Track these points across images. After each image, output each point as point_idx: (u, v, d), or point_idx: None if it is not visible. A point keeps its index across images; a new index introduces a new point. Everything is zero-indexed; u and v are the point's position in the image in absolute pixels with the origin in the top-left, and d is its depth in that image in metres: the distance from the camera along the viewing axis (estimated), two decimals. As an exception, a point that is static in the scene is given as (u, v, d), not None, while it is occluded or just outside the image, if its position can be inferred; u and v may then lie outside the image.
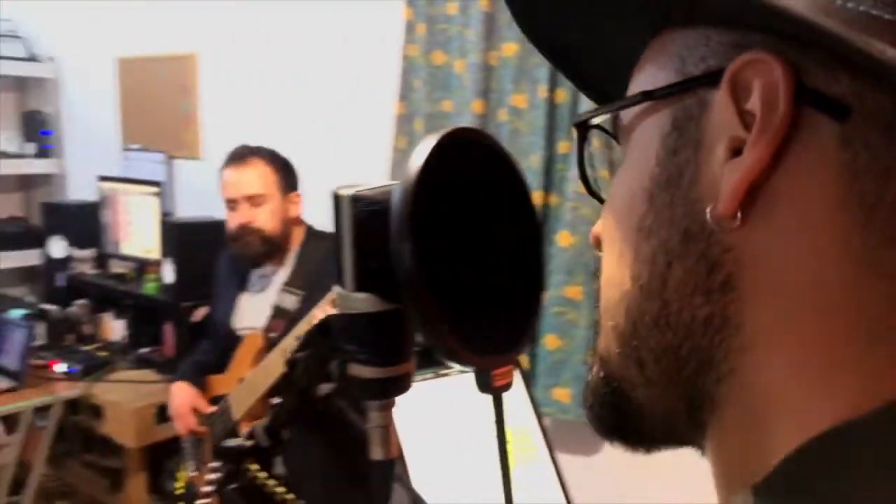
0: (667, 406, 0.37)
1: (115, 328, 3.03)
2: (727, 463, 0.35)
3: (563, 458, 2.17)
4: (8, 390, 2.56)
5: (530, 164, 2.22)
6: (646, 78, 0.38)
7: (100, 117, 3.71)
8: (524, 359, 2.24)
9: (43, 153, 3.87)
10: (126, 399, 2.55)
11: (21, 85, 4.06)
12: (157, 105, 3.37)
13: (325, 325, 0.52)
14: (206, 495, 1.84)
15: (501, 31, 2.27)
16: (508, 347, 0.46)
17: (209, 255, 2.76)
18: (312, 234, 1.90)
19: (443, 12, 2.41)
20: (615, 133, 0.42)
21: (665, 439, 0.39)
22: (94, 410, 2.60)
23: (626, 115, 0.39)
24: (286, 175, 1.93)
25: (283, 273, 1.87)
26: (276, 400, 0.62)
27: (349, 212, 0.46)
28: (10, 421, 2.48)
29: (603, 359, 0.39)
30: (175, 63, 3.26)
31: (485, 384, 0.46)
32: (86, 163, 3.86)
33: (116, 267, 3.15)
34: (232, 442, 0.61)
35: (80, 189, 3.89)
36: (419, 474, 0.78)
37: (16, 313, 2.74)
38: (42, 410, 2.61)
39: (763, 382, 0.32)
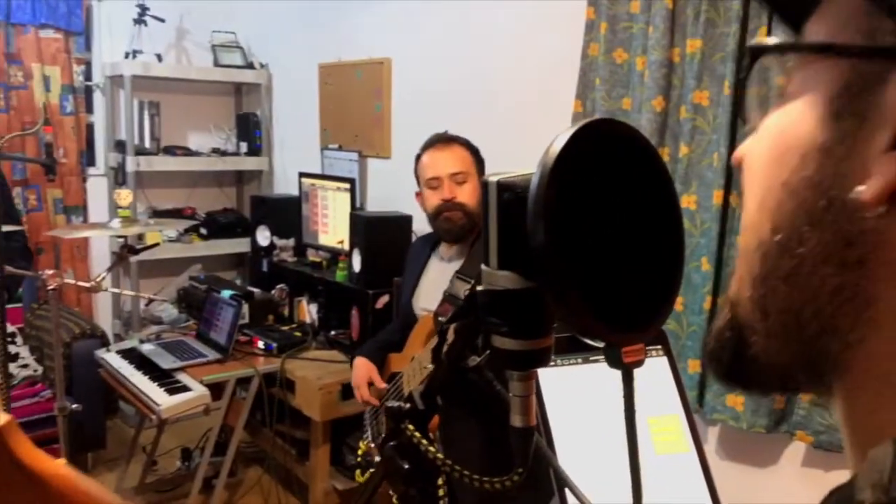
0: (784, 361, 0.38)
1: (309, 311, 3.30)
2: (861, 421, 0.37)
3: (727, 463, 2.09)
4: (216, 361, 2.89)
5: (711, 162, 2.15)
6: (831, 26, 0.37)
7: (303, 119, 4.05)
8: (695, 363, 2.18)
9: (253, 151, 4.29)
10: (315, 375, 2.79)
11: (238, 90, 4.52)
12: (352, 107, 3.62)
13: (471, 300, 0.57)
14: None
15: (685, 28, 2.22)
16: (640, 326, 0.49)
17: (393, 247, 2.95)
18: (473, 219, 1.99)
19: (625, 11, 2.39)
20: (783, 68, 0.41)
21: (780, 388, 0.41)
22: (288, 385, 2.86)
23: (800, 56, 0.38)
24: (481, 161, 2.06)
25: (459, 262, 1.96)
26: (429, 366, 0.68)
27: (495, 196, 0.51)
28: (217, 389, 2.78)
29: (733, 302, 0.40)
30: (370, 68, 3.49)
31: (614, 359, 0.49)
32: (290, 160, 4.24)
33: (313, 255, 3.44)
34: (393, 403, 0.68)
35: (283, 184, 4.27)
36: (564, 455, 0.81)
37: (226, 294, 3.08)
38: (243, 382, 2.91)
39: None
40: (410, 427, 0.65)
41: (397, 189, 3.34)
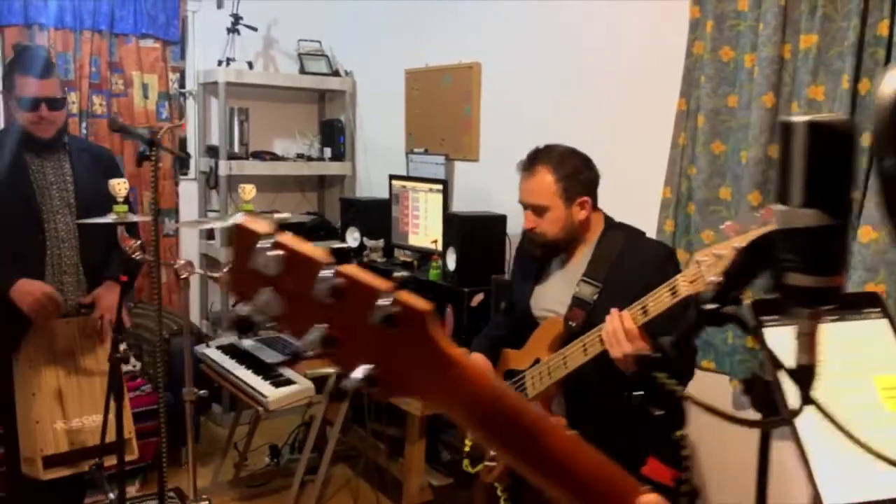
0: None
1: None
2: None
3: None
4: (316, 356, 2.95)
5: (828, 159, 2.13)
6: None
7: (387, 124, 4.13)
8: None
9: (337, 157, 4.38)
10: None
11: (321, 97, 4.64)
12: (440, 111, 3.68)
13: (754, 247, 0.60)
14: (494, 457, 1.97)
15: (798, 24, 2.21)
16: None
17: (487, 247, 2.99)
18: (610, 225, 1.94)
19: (733, 9, 2.40)
20: None
21: None
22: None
23: None
24: (572, 182, 1.89)
25: (581, 264, 1.92)
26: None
27: (803, 137, 0.54)
28: (319, 383, 2.84)
29: None
30: (459, 72, 3.55)
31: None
32: (373, 165, 4.33)
33: (403, 256, 3.50)
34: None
35: (366, 188, 4.36)
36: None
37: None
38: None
39: None
40: (661, 375, 0.68)
41: (486, 191, 3.39)
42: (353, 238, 3.67)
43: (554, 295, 1.96)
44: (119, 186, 2.15)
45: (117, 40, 3.87)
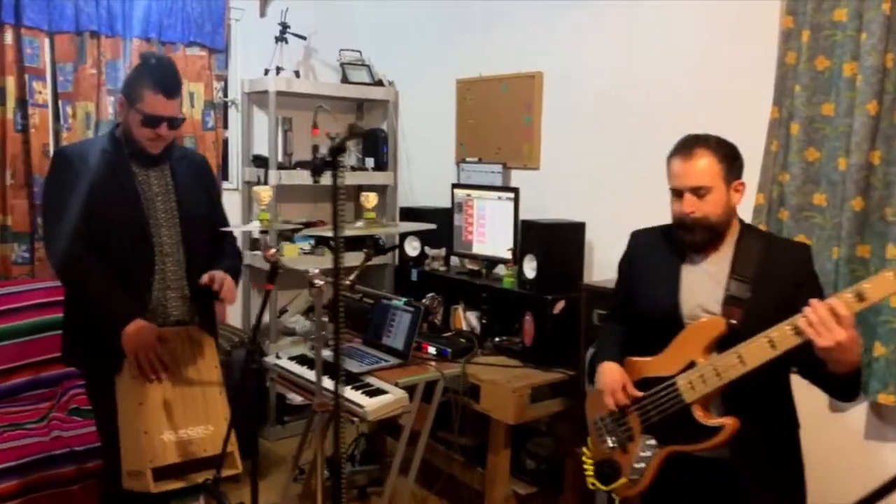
0: None
1: (466, 318, 3.36)
2: None
3: None
4: (398, 366, 2.94)
5: (938, 164, 2.20)
6: None
7: (434, 133, 4.13)
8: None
9: (380, 166, 4.37)
10: (503, 379, 2.83)
11: (359, 106, 4.62)
12: (495, 121, 3.70)
13: None
14: (637, 471, 1.95)
15: (904, 34, 2.28)
16: None
17: (567, 254, 3.01)
18: (745, 226, 1.96)
19: (829, 19, 2.46)
20: None
21: None
22: (471, 389, 2.90)
23: None
24: (731, 164, 1.89)
25: (723, 261, 1.89)
26: None
27: None
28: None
29: None
30: (518, 81, 3.57)
31: None
32: (417, 174, 4.33)
33: (467, 264, 3.49)
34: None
35: (409, 197, 4.35)
36: None
37: (397, 302, 3.14)
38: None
39: None
40: None
41: (548, 198, 3.41)
42: (412, 247, 3.66)
43: (704, 294, 1.89)
44: (263, 194, 2.11)
45: (165, 49, 3.81)
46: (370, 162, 4.39)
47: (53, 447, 2.88)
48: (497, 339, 3.21)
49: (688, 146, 1.91)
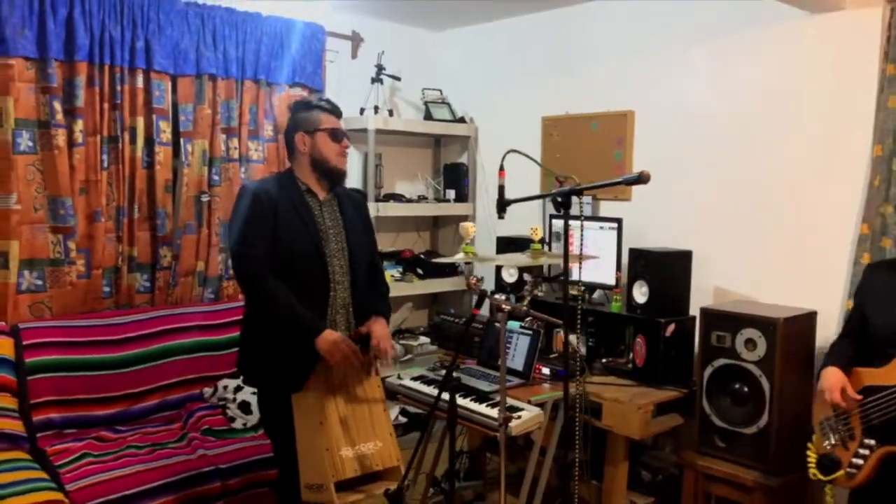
0: None
1: (572, 341, 3.59)
2: None
3: None
4: (520, 386, 3.16)
5: None
6: None
7: (517, 166, 4.37)
8: None
9: (461, 198, 4.62)
10: (624, 398, 3.05)
11: (437, 141, 4.89)
12: (584, 155, 3.96)
13: None
14: (856, 466, 2.18)
15: None
16: None
17: (675, 280, 3.25)
18: None
19: (929, 67, 2.74)
20: None
21: None
22: (592, 407, 3.11)
23: None
24: None
25: None
26: None
27: None
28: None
29: None
30: (609, 119, 3.84)
31: None
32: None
33: (570, 289, 3.72)
34: None
35: (487, 228, 4.60)
36: None
37: (513, 325, 3.36)
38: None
39: None
40: None
41: (641, 228, 3.65)
42: (509, 274, 3.89)
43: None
44: (470, 229, 2.35)
45: (271, 89, 4.06)
46: (451, 193, 4.64)
47: (201, 465, 3.06)
48: (604, 360, 3.43)
49: None
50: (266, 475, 3.14)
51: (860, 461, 2.21)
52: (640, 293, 3.29)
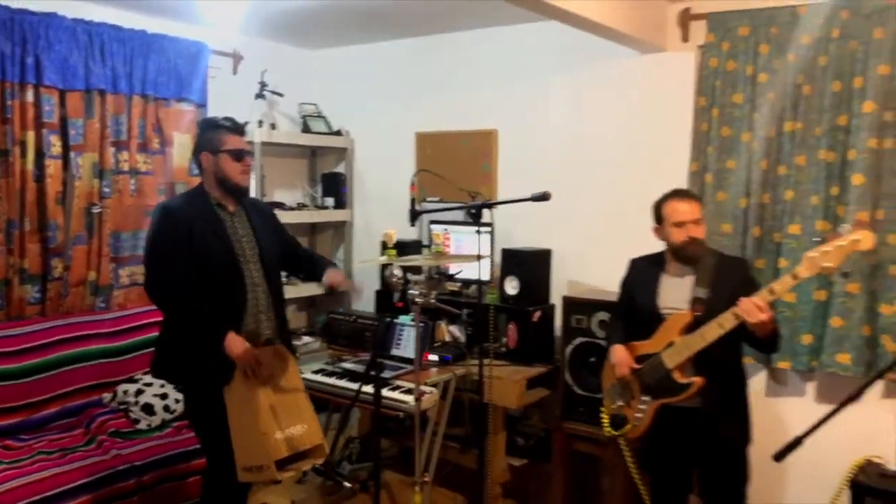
0: None
1: (449, 331, 4.08)
2: None
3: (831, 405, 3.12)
4: (411, 372, 3.60)
5: (810, 203, 3.27)
6: None
7: (391, 177, 4.82)
8: (808, 337, 3.26)
9: (340, 205, 4.99)
10: (504, 374, 3.58)
11: (314, 152, 5.21)
12: (455, 167, 4.47)
13: None
14: (638, 419, 2.81)
15: (783, 115, 3.35)
16: None
17: (538, 274, 3.84)
18: (708, 249, 2.86)
19: (730, 101, 3.50)
20: None
21: None
22: (478, 384, 3.59)
23: None
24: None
25: (686, 276, 2.77)
26: None
27: None
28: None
29: None
30: (477, 136, 4.39)
31: None
32: (374, 212, 4.99)
33: (451, 286, 4.21)
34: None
35: (364, 234, 5.00)
36: None
37: (404, 319, 3.79)
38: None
39: None
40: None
41: (508, 231, 4.22)
42: (394, 273, 4.31)
43: (676, 296, 2.77)
44: (392, 235, 2.73)
45: (158, 104, 4.22)
46: (329, 201, 4.99)
47: (116, 464, 3.24)
48: (482, 345, 3.95)
49: (689, 195, 2.79)
50: (178, 469, 3.38)
51: (641, 415, 2.78)
52: (512, 286, 3.85)
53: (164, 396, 3.73)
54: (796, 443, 1.93)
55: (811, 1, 3.27)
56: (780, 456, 1.94)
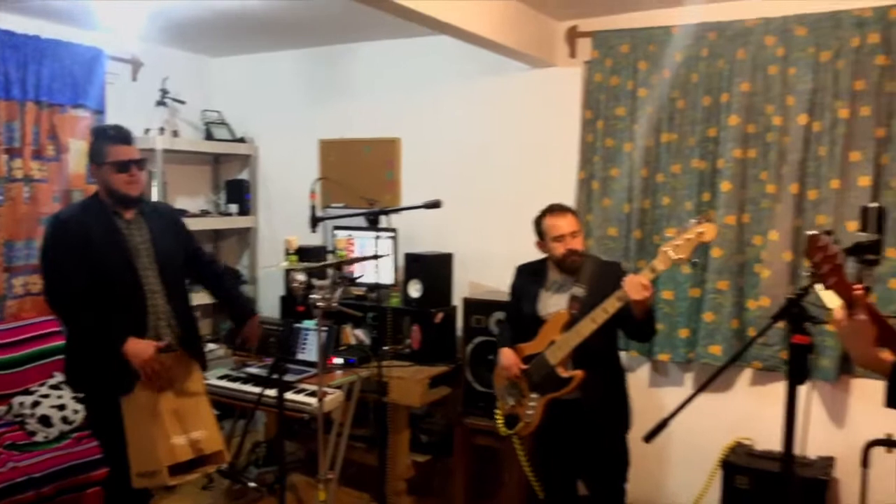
0: None
1: (354, 335, 4.18)
2: None
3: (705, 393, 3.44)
4: (313, 376, 3.69)
5: (685, 208, 3.56)
6: None
7: (295, 184, 4.87)
8: (685, 331, 3.55)
9: (244, 212, 5.01)
10: (407, 374, 3.71)
11: (217, 159, 5.21)
12: (359, 174, 4.59)
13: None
14: (529, 416, 3.02)
15: (660, 126, 3.64)
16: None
17: (441, 277, 4.00)
18: (586, 256, 3.07)
19: (613, 114, 3.77)
20: None
21: None
22: (381, 385, 3.71)
23: None
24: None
25: (566, 284, 2.95)
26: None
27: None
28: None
29: None
30: (381, 144, 4.51)
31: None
32: (277, 218, 5.03)
33: (356, 291, 4.30)
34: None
35: (269, 240, 5.04)
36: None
37: (308, 323, 3.87)
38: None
39: None
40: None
41: (411, 235, 4.37)
42: (298, 279, 4.37)
43: (553, 301, 2.97)
44: (293, 241, 2.81)
45: (53, 110, 4.14)
46: (233, 207, 5.01)
47: (14, 476, 3.19)
48: (386, 347, 4.08)
49: (564, 209, 2.97)
50: (77, 480, 3.36)
51: (531, 412, 2.96)
52: (415, 289, 3.99)
53: (62, 408, 3.68)
54: (662, 425, 2.15)
55: (683, 22, 3.56)
56: (649, 437, 2.15)
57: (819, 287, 1.67)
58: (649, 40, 3.66)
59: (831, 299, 1.68)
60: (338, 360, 3.88)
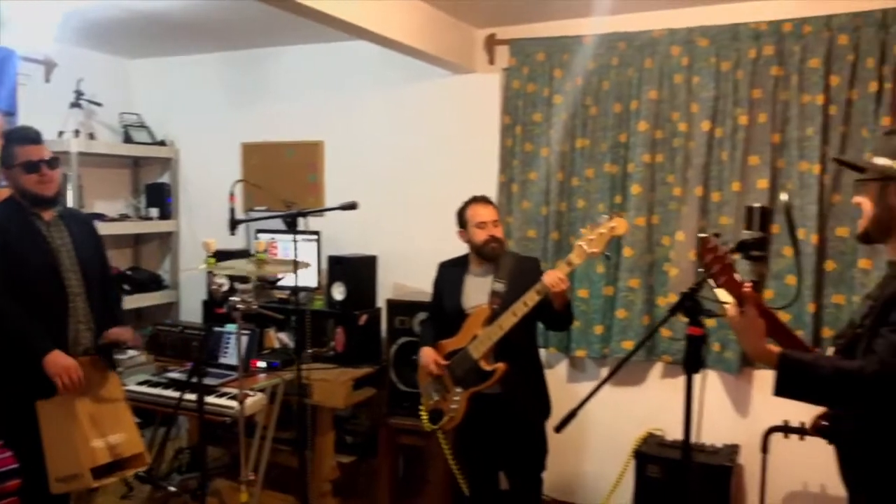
0: None
1: (278, 338, 4.18)
2: None
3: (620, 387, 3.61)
4: (235, 380, 3.67)
5: (598, 210, 3.71)
6: None
7: (215, 188, 4.83)
8: (600, 328, 3.70)
9: (165, 216, 4.94)
10: (331, 376, 3.73)
11: (136, 162, 5.12)
12: (282, 177, 4.58)
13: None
14: (453, 410, 3.13)
15: (574, 131, 3.78)
16: None
17: (364, 279, 4.05)
18: (506, 251, 3.18)
19: (531, 120, 3.89)
20: None
21: None
22: (303, 388, 3.72)
23: None
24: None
25: (487, 275, 3.08)
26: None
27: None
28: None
29: None
30: (303, 148, 4.53)
31: None
32: (198, 221, 4.97)
33: (279, 294, 4.29)
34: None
35: (191, 243, 4.97)
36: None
37: (231, 327, 3.84)
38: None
39: None
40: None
41: (334, 238, 4.40)
42: (218, 283, 4.34)
43: (474, 296, 3.07)
44: (211, 244, 2.79)
45: (-39, 111, 4.01)
46: (154, 211, 4.93)
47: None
48: (310, 350, 4.09)
49: (486, 199, 3.10)
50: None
51: (455, 406, 3.06)
52: (339, 292, 4.02)
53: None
54: (571, 415, 2.24)
55: (595, 32, 3.71)
56: (559, 427, 2.25)
57: (713, 284, 1.81)
58: (563, 49, 3.80)
59: (725, 296, 1.83)
60: (261, 364, 3.87)
